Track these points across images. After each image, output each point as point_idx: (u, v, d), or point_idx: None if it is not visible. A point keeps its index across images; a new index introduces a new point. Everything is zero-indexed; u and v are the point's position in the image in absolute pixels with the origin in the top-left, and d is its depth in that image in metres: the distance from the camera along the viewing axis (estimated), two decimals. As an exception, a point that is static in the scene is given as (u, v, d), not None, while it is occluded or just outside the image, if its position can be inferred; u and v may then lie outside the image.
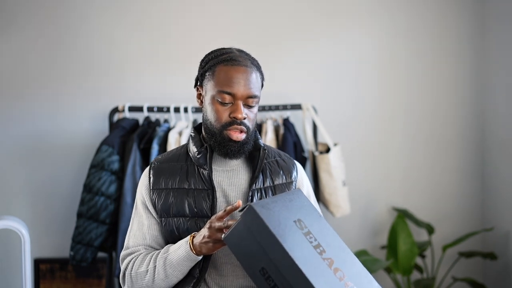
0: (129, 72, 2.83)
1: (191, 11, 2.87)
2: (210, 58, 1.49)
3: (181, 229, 1.46)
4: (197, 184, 1.48)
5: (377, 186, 3.03)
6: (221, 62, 1.45)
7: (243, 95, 1.43)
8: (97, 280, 2.76)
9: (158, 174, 1.51)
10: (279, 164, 1.57)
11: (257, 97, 1.46)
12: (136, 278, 1.46)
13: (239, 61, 1.44)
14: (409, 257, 2.77)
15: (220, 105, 1.43)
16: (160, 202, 1.49)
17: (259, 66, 1.51)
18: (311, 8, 2.94)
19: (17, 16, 2.75)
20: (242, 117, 1.42)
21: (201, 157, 1.48)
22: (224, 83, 1.42)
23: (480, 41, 3.03)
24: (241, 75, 1.43)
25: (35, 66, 2.78)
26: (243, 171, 1.53)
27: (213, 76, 1.45)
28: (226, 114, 1.43)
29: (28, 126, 2.77)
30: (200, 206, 1.46)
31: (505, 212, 2.88)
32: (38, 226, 2.77)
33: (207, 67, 1.48)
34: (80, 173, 2.76)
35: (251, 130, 1.47)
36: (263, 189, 1.51)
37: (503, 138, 2.90)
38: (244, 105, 1.44)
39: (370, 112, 3.00)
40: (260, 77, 1.49)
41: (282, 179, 1.55)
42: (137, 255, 1.49)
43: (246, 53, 1.51)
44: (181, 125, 2.58)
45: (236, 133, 1.43)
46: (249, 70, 1.45)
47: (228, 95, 1.42)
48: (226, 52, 1.48)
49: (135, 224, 1.53)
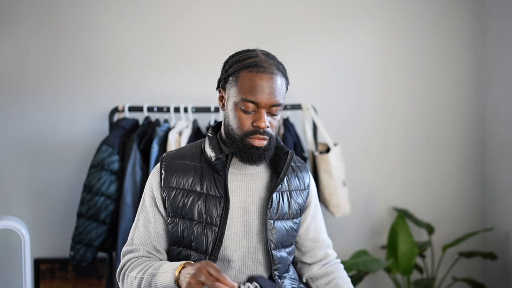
0: (129, 72, 2.83)
1: (191, 11, 2.87)
2: (234, 62, 1.43)
3: (187, 232, 1.44)
4: (210, 189, 1.45)
5: (377, 186, 3.03)
6: (246, 67, 1.39)
7: (267, 104, 1.38)
8: (97, 280, 2.76)
9: (170, 171, 1.47)
10: (294, 169, 1.55)
11: (281, 105, 1.41)
12: (127, 280, 1.43)
13: (264, 68, 1.38)
14: (409, 257, 2.77)
15: (243, 113, 1.39)
16: (170, 200, 1.46)
17: (285, 70, 1.45)
18: (311, 8, 2.94)
19: (17, 16, 2.75)
20: (266, 126, 1.38)
21: (218, 163, 1.44)
22: (248, 91, 1.37)
23: (480, 41, 3.03)
24: (266, 83, 1.37)
25: (35, 66, 2.78)
26: (261, 175, 1.50)
27: (237, 82, 1.40)
28: (248, 122, 1.39)
29: (28, 126, 2.77)
30: (210, 212, 1.43)
31: (505, 212, 2.88)
32: (38, 226, 2.77)
33: (231, 71, 1.42)
34: (80, 173, 2.76)
35: (274, 137, 1.44)
36: (280, 192, 1.50)
37: (503, 138, 2.90)
38: (267, 113, 1.40)
39: (370, 112, 3.00)
40: (285, 83, 1.44)
41: (297, 185, 1.54)
42: (137, 257, 1.46)
43: (272, 57, 1.45)
44: (181, 125, 2.58)
45: (258, 141, 1.40)
46: (274, 77, 1.39)
47: (251, 103, 1.37)
48: (251, 56, 1.42)
49: (141, 221, 1.50)
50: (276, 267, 1.49)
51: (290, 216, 1.52)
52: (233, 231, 1.46)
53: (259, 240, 1.48)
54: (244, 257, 1.47)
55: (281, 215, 1.49)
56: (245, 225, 1.47)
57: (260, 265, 1.49)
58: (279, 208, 1.49)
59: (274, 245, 1.47)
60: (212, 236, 1.43)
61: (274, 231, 1.47)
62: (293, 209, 1.52)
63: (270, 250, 1.47)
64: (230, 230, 1.45)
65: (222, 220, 1.42)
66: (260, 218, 1.48)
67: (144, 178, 2.49)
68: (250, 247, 1.47)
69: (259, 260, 1.49)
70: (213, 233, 1.43)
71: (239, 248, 1.46)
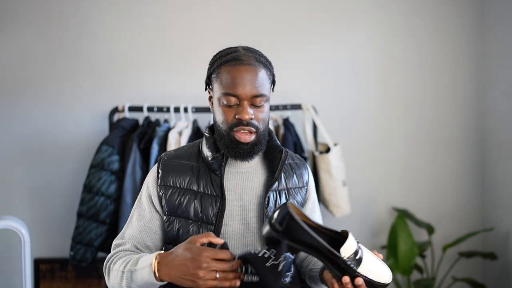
0: (129, 72, 2.83)
1: (191, 11, 2.87)
2: (215, 60, 1.45)
3: (182, 231, 1.44)
4: (206, 188, 1.45)
5: (377, 186, 3.03)
6: (225, 63, 1.41)
7: (247, 95, 1.38)
8: (97, 280, 2.76)
9: (167, 170, 1.48)
10: (292, 167, 1.55)
11: (264, 96, 1.40)
12: (111, 273, 1.41)
13: (242, 60, 1.40)
14: (409, 257, 2.77)
15: (226, 107, 1.40)
16: (166, 199, 1.46)
17: (267, 62, 1.45)
18: (311, 8, 2.94)
19: (17, 16, 2.75)
20: (248, 117, 1.38)
21: (215, 162, 1.45)
22: (227, 85, 1.38)
23: (480, 41, 3.03)
24: (244, 75, 1.38)
25: (35, 66, 2.78)
26: (258, 173, 1.50)
27: (217, 79, 1.41)
28: (232, 116, 1.39)
29: (28, 126, 2.77)
30: (206, 211, 1.43)
31: (505, 212, 2.88)
32: (38, 226, 2.77)
33: (213, 69, 1.44)
34: (80, 173, 2.76)
35: (262, 130, 1.43)
36: (277, 191, 1.49)
37: (503, 138, 2.90)
38: (251, 105, 1.40)
39: (370, 112, 3.00)
40: (268, 74, 1.43)
41: (295, 183, 1.53)
42: (123, 250, 1.45)
43: (253, 50, 1.45)
44: (181, 125, 2.58)
45: (244, 135, 1.40)
46: (253, 68, 1.39)
47: (232, 96, 1.38)
48: (230, 51, 1.43)
49: (135, 216, 1.49)
50: None
51: None
52: (231, 229, 1.46)
53: (258, 238, 1.47)
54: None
55: None
56: (243, 223, 1.47)
57: None
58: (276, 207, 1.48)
59: None
60: None
61: None
62: None
63: None
64: (227, 228, 1.45)
65: (218, 219, 1.43)
66: (258, 216, 1.48)
67: (144, 178, 2.49)
68: (249, 245, 1.47)
69: None
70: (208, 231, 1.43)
71: (237, 246, 1.46)
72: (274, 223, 1.25)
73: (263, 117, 1.42)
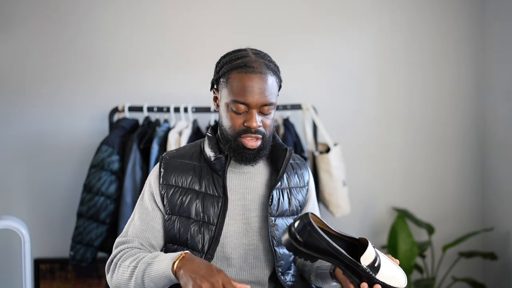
0: (129, 72, 2.83)
1: (190, 10, 2.87)
2: (225, 63, 1.43)
3: (183, 230, 1.45)
4: (208, 188, 1.45)
5: (377, 186, 3.03)
6: (235, 68, 1.40)
7: (257, 104, 1.38)
8: (97, 280, 2.76)
9: (169, 169, 1.48)
10: (293, 167, 1.56)
11: (272, 104, 1.41)
12: (118, 270, 1.40)
13: (253, 68, 1.38)
14: (409, 257, 2.77)
15: (235, 113, 1.40)
16: (168, 198, 1.46)
17: (276, 69, 1.45)
18: (311, 7, 2.94)
19: (16, 15, 2.75)
20: (257, 126, 1.39)
21: (217, 163, 1.45)
22: (237, 93, 1.38)
23: (480, 41, 3.03)
24: (255, 83, 1.38)
25: (34, 65, 2.77)
26: (260, 173, 1.51)
27: (227, 84, 1.40)
28: (240, 122, 1.40)
29: (28, 126, 2.77)
30: (207, 211, 1.44)
31: (505, 212, 2.88)
32: (38, 226, 2.76)
33: (222, 72, 1.43)
34: (80, 173, 2.76)
35: (268, 136, 1.43)
36: (280, 190, 1.50)
37: (503, 138, 2.90)
38: (259, 113, 1.40)
39: (370, 112, 3.00)
40: (276, 81, 1.44)
41: (297, 182, 1.55)
42: (130, 248, 1.44)
43: (263, 56, 1.45)
44: (181, 125, 2.58)
45: (251, 142, 1.40)
46: (264, 76, 1.39)
47: (242, 104, 1.38)
48: (241, 56, 1.42)
49: (137, 214, 1.49)
50: (279, 264, 1.49)
51: (291, 213, 1.53)
52: (232, 229, 1.46)
53: (260, 238, 1.48)
54: (245, 254, 1.47)
55: (281, 212, 1.50)
56: (245, 223, 1.47)
57: (261, 262, 1.49)
58: (279, 205, 1.49)
59: (277, 242, 1.48)
60: (208, 235, 1.43)
61: (275, 227, 1.48)
62: (293, 206, 1.53)
63: (273, 247, 1.47)
64: (229, 228, 1.46)
65: (220, 219, 1.43)
66: (260, 215, 1.48)
67: (144, 178, 2.49)
68: (251, 245, 1.47)
69: (260, 257, 1.49)
70: (210, 232, 1.43)
71: (239, 245, 1.46)
72: (294, 232, 1.27)
73: (269, 123, 1.43)
